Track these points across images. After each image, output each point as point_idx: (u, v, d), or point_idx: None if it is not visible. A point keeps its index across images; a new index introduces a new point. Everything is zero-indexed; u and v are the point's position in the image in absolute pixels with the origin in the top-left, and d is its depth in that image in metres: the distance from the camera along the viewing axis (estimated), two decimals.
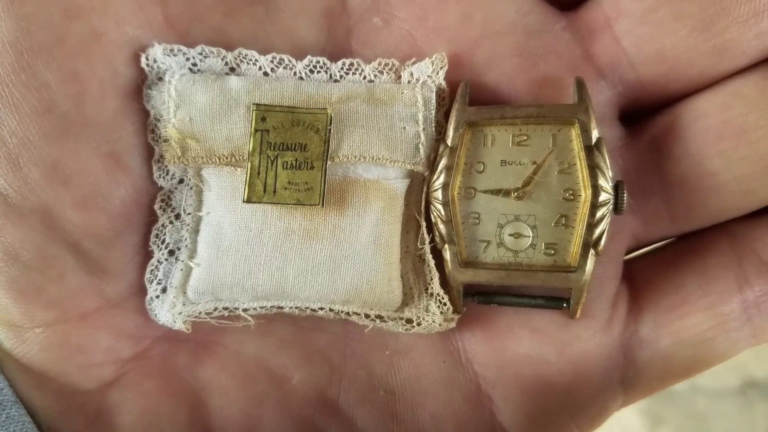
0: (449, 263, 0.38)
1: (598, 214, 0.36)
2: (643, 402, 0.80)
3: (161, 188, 0.38)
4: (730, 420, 0.82)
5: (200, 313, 0.37)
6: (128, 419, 0.38)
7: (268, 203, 0.36)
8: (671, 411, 0.83)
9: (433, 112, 0.38)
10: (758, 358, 0.83)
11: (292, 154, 0.36)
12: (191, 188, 0.38)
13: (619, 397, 0.41)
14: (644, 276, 0.41)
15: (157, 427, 0.38)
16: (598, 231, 0.36)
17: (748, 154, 0.38)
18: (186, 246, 0.38)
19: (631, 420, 0.83)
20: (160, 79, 0.37)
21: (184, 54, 0.37)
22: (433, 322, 0.38)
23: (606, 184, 0.36)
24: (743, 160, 0.38)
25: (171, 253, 0.38)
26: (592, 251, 0.36)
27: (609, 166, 0.36)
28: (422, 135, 0.38)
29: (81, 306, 0.36)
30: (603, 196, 0.36)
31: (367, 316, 0.38)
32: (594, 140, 0.36)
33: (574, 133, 0.36)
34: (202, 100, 0.37)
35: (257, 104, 0.36)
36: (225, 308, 0.38)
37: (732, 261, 0.40)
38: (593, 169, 0.36)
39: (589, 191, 0.36)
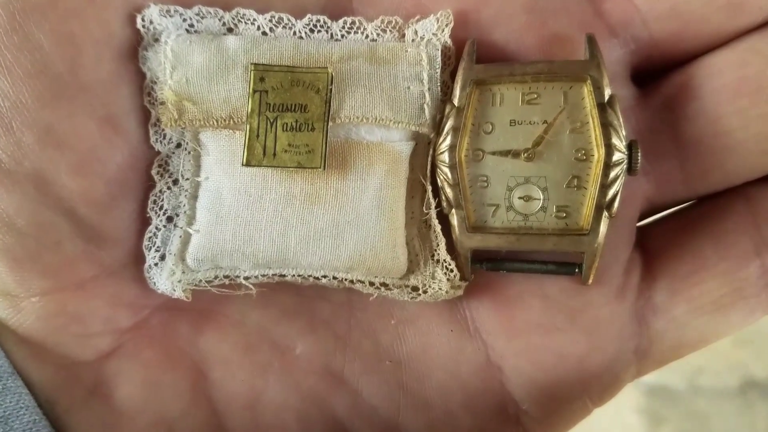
0: (456, 228, 0.36)
1: (612, 175, 0.34)
2: (643, 402, 0.80)
3: (158, 153, 0.36)
4: (730, 420, 0.81)
5: (200, 281, 0.36)
6: (127, 390, 0.36)
7: (267, 167, 0.34)
8: (671, 411, 0.82)
9: (439, 70, 0.36)
10: (758, 358, 0.81)
11: (292, 116, 0.34)
12: (189, 153, 0.37)
13: (632, 367, 0.39)
14: (658, 241, 0.40)
15: (157, 399, 0.37)
16: (611, 192, 0.34)
17: (766, 111, 0.36)
18: (184, 212, 0.36)
19: (631, 420, 0.82)
20: (156, 40, 0.35)
21: (181, 15, 0.35)
22: (440, 289, 0.36)
23: (619, 142, 0.34)
24: (761, 117, 0.36)
25: (169, 219, 0.37)
26: (605, 213, 0.34)
27: (622, 125, 0.34)
28: (427, 95, 0.36)
29: (78, 274, 0.35)
30: (617, 156, 0.34)
31: (371, 284, 0.37)
32: (607, 98, 0.34)
33: (586, 90, 0.35)
34: (198, 61, 0.35)
35: (255, 64, 0.34)
36: (225, 276, 0.36)
37: (749, 225, 0.38)
38: (606, 128, 0.34)
39: (602, 150, 0.34)
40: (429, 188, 0.37)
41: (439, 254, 0.37)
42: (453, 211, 0.36)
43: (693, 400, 0.80)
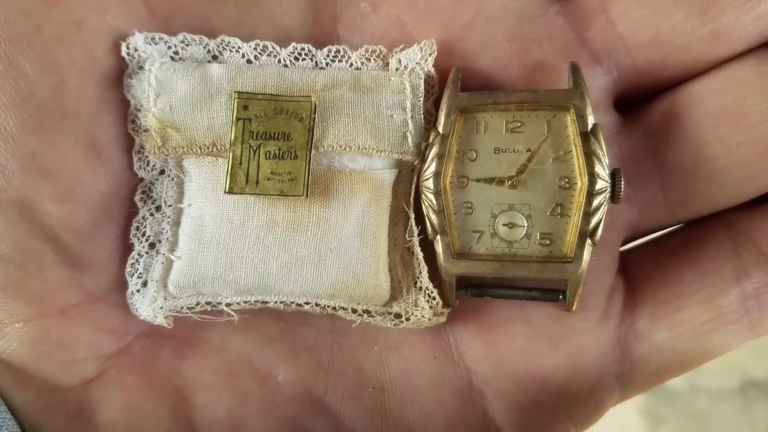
0: (441, 255, 0.34)
1: (595, 203, 0.32)
2: (643, 402, 0.78)
3: (142, 180, 0.35)
4: (730, 420, 0.79)
5: (182, 307, 0.34)
6: (110, 416, 0.34)
7: (250, 194, 0.33)
8: (671, 411, 0.80)
9: (422, 99, 0.34)
10: (758, 358, 0.80)
11: (275, 144, 0.33)
12: (172, 179, 0.35)
13: (615, 392, 0.37)
14: (640, 268, 0.38)
15: (139, 425, 0.35)
16: (594, 220, 0.32)
17: (746, 139, 0.34)
18: (167, 239, 0.35)
19: (631, 420, 0.79)
20: (141, 68, 0.33)
21: (166, 42, 0.34)
22: (422, 316, 0.34)
23: (603, 171, 0.32)
24: (741, 145, 0.35)
25: (152, 246, 0.35)
26: (588, 241, 0.32)
27: (606, 153, 0.32)
28: (410, 123, 0.34)
29: (61, 300, 0.34)
30: (600, 184, 0.32)
31: (354, 311, 0.35)
32: (590, 126, 0.32)
33: (570, 119, 0.33)
34: (182, 89, 0.33)
35: (239, 92, 0.33)
36: (207, 303, 0.34)
37: (730, 252, 0.37)
38: (590, 156, 0.32)
39: (586, 179, 0.32)
40: (412, 215, 0.35)
41: (421, 282, 0.35)
42: (438, 237, 0.34)
43: (693, 400, 0.79)
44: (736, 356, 0.78)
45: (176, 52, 0.34)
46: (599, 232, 0.32)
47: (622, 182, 0.33)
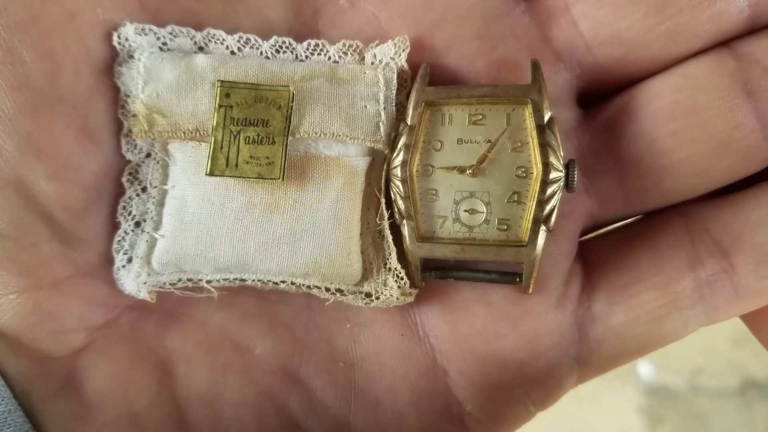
0: (407, 238, 0.36)
1: (549, 191, 0.34)
2: (643, 402, 0.78)
3: (129, 162, 0.37)
4: (730, 420, 0.80)
5: (164, 283, 0.36)
6: (97, 384, 0.36)
7: (230, 177, 0.35)
8: (671, 411, 0.80)
9: (394, 92, 0.36)
10: (758, 358, 0.80)
11: (255, 130, 0.35)
12: (158, 162, 0.37)
13: (574, 372, 0.39)
14: (599, 254, 0.40)
15: (124, 392, 0.37)
16: (548, 207, 0.34)
17: (698, 134, 0.36)
18: (151, 218, 0.37)
19: (631, 420, 0.80)
20: (131, 56, 0.35)
21: (155, 33, 0.36)
22: (391, 296, 0.37)
23: (557, 162, 0.34)
24: (694, 139, 0.36)
25: (137, 224, 0.37)
26: (543, 227, 0.34)
27: (560, 145, 0.34)
28: (383, 114, 0.36)
29: (53, 274, 0.35)
30: (554, 174, 0.34)
31: (327, 289, 0.37)
32: (546, 120, 0.34)
33: (527, 112, 0.35)
34: (169, 77, 0.35)
35: (221, 81, 0.35)
36: (189, 279, 0.36)
37: (685, 241, 0.38)
38: (544, 148, 0.34)
39: (540, 168, 0.34)
40: (383, 201, 0.37)
41: (390, 263, 0.37)
42: (404, 222, 0.36)
43: (693, 400, 0.79)
44: (736, 356, 0.78)
45: (164, 43, 0.36)
46: (553, 218, 0.34)
47: (576, 172, 0.34)
